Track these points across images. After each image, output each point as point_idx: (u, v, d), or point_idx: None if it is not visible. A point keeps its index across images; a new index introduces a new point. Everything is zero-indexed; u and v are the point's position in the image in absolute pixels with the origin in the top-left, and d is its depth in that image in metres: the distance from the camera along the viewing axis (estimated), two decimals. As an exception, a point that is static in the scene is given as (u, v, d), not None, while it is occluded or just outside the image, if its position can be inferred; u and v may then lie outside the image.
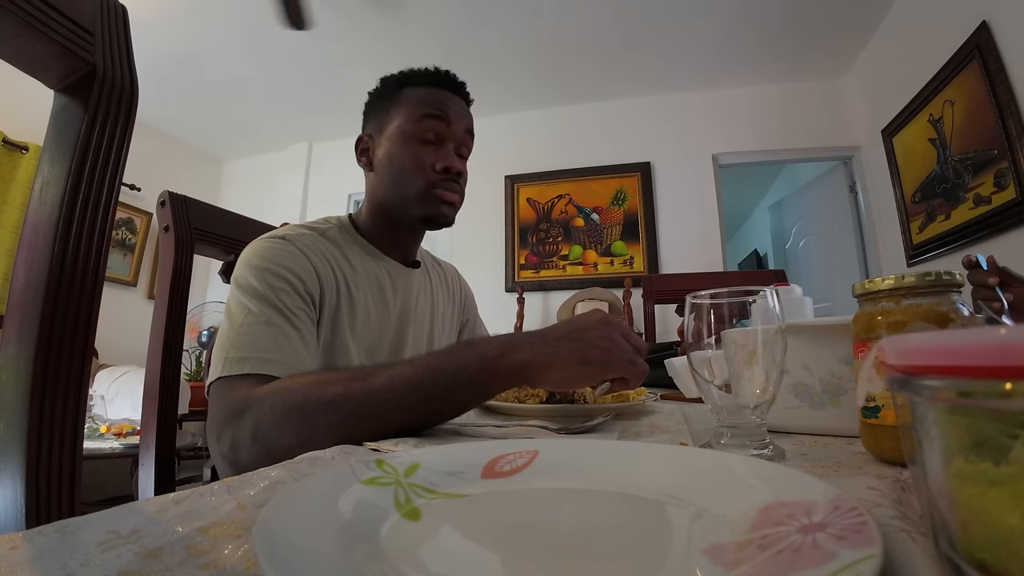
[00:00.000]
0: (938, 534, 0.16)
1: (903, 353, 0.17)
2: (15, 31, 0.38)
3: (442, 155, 0.77)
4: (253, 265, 0.66)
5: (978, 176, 1.96)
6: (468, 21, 2.62)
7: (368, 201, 0.84)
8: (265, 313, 0.61)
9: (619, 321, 0.55)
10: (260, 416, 0.52)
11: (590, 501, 0.28)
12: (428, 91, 0.80)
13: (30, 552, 0.19)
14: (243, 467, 0.51)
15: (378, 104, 0.83)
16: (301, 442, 0.47)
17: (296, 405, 0.50)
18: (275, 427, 0.51)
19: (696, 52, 2.85)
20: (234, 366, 0.57)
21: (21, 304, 0.40)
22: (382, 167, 0.79)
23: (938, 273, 0.34)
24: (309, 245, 0.71)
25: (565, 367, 0.50)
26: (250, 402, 0.53)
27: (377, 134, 0.81)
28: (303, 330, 0.63)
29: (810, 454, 0.39)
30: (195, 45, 2.75)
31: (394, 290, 0.81)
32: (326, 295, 0.70)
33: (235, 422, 0.53)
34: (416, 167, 0.76)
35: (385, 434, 0.48)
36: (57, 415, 0.40)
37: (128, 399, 2.36)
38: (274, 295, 0.63)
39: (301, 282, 0.66)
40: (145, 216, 3.44)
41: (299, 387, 0.52)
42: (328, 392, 0.50)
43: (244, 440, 0.52)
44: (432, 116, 0.77)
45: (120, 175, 0.45)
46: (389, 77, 0.83)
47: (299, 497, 0.23)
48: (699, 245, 3.01)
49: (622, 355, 0.52)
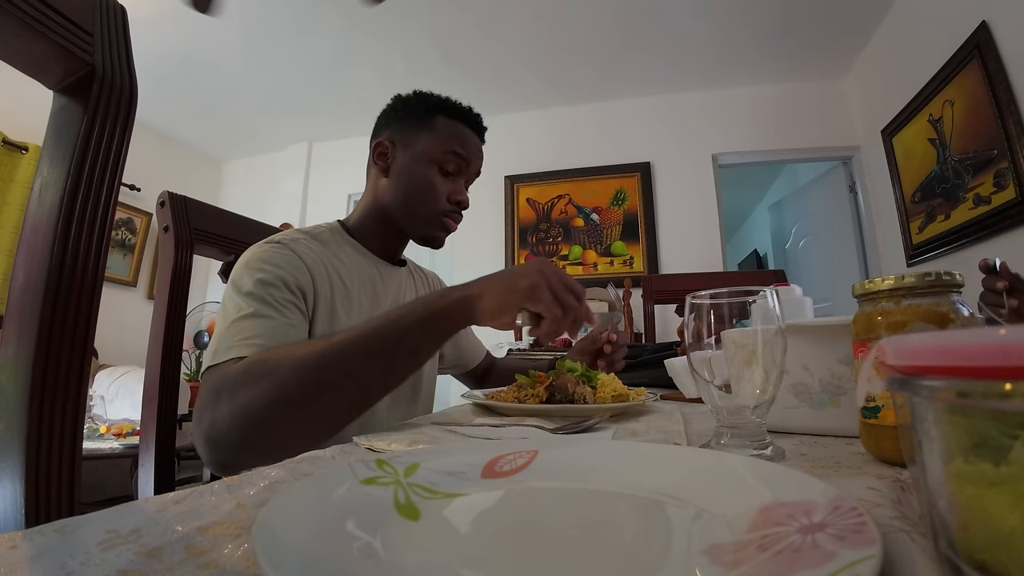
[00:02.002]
0: (938, 534, 0.16)
1: (903, 353, 0.17)
2: (14, 32, 0.38)
3: (456, 189, 0.85)
4: (248, 267, 0.69)
5: (978, 176, 1.96)
6: (468, 22, 2.62)
7: (368, 203, 0.87)
8: (254, 306, 0.64)
9: (556, 266, 0.59)
10: (235, 384, 0.54)
11: (590, 501, 0.28)
12: (459, 127, 0.86)
13: (30, 551, 0.19)
14: (222, 440, 0.53)
15: (407, 117, 0.86)
16: (271, 399, 0.51)
17: (267, 367, 0.54)
18: (247, 389, 0.53)
19: (696, 52, 2.86)
20: (220, 355, 0.59)
21: (20, 304, 0.40)
22: (398, 179, 0.84)
23: (938, 273, 0.34)
24: (302, 247, 0.75)
25: (494, 296, 0.56)
26: (227, 377, 0.55)
27: (400, 145, 0.85)
28: (292, 319, 0.66)
29: (810, 454, 0.39)
30: (195, 45, 2.75)
31: (385, 286, 0.86)
32: (319, 289, 0.73)
33: (213, 403, 0.54)
34: (432, 193, 0.83)
35: (350, 388, 0.54)
36: (57, 415, 0.40)
37: (128, 399, 2.36)
38: (264, 291, 0.66)
39: (293, 278, 0.69)
40: (145, 216, 3.44)
41: (270, 354, 0.56)
42: (296, 352, 0.54)
43: (222, 413, 0.53)
44: (458, 154, 0.84)
45: (119, 175, 0.45)
46: (426, 96, 0.87)
47: (299, 497, 0.23)
48: (699, 245, 3.01)
49: (547, 290, 0.55)
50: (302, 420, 0.54)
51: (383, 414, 0.79)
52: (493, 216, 3.38)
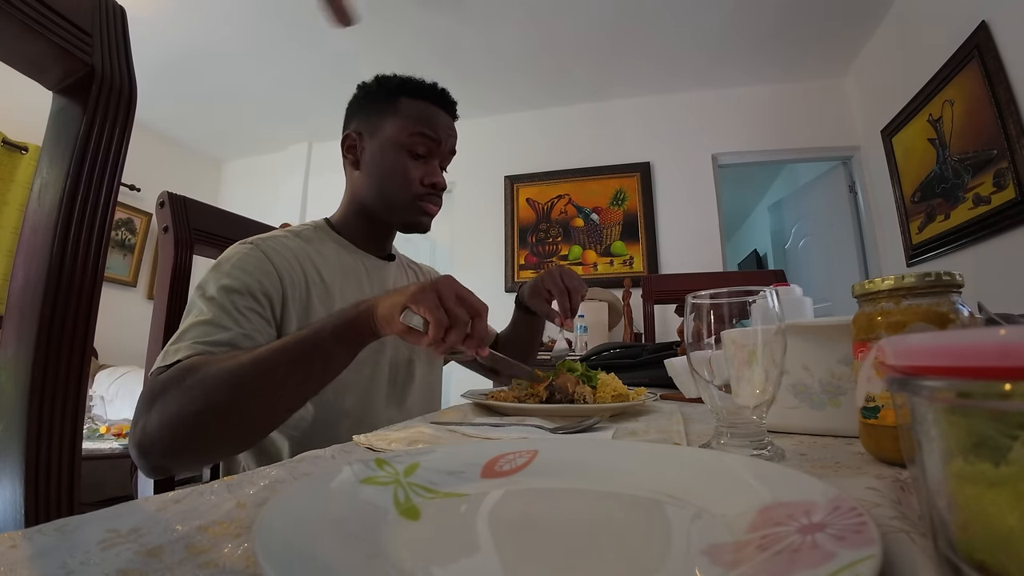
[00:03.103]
0: (937, 534, 0.16)
1: (903, 353, 0.17)
2: (13, 32, 0.38)
3: (429, 171, 0.83)
4: (217, 270, 0.68)
5: (977, 176, 1.96)
6: (467, 22, 2.62)
7: (349, 198, 0.87)
8: (212, 312, 0.64)
9: (458, 283, 0.57)
10: (165, 393, 0.54)
11: (590, 501, 0.28)
12: (424, 106, 0.83)
13: (30, 550, 0.19)
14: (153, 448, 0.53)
15: (370, 104, 0.84)
16: (198, 408, 0.52)
17: (197, 377, 0.54)
18: (176, 398, 0.53)
19: (696, 52, 2.86)
20: (168, 357, 0.59)
21: (20, 305, 0.40)
22: (369, 169, 0.83)
23: (938, 273, 0.34)
24: (275, 247, 0.74)
25: (387, 301, 0.56)
26: (161, 383, 0.55)
27: (367, 135, 0.83)
28: (247, 329, 0.65)
29: (810, 454, 0.39)
30: (195, 45, 2.75)
31: (370, 279, 0.85)
32: (289, 289, 0.72)
33: (148, 406, 0.54)
34: (404, 179, 0.81)
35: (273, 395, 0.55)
36: (56, 415, 0.40)
37: (128, 399, 2.36)
38: (227, 299, 0.65)
39: (259, 284, 0.68)
40: (145, 216, 3.44)
41: (201, 362, 0.56)
42: (225, 363, 0.55)
43: (153, 421, 0.53)
44: (426, 135, 0.82)
45: (119, 176, 0.45)
46: (386, 80, 0.84)
47: (299, 496, 0.23)
48: (699, 245, 3.01)
49: (433, 295, 0.54)
50: (229, 427, 0.55)
51: (383, 414, 0.79)
52: (493, 216, 3.38)
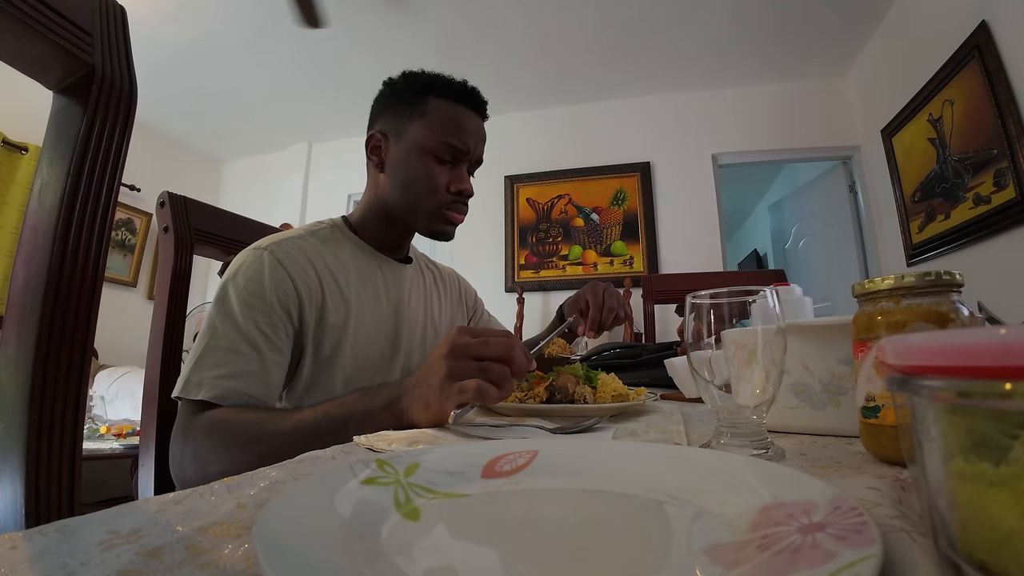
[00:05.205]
0: (938, 534, 0.16)
1: (903, 353, 0.17)
2: (14, 32, 0.38)
3: (456, 177, 0.80)
4: (234, 283, 0.68)
5: (978, 176, 1.96)
6: (468, 22, 2.62)
7: (370, 199, 0.85)
8: (230, 337, 0.64)
9: (464, 341, 0.53)
10: (197, 443, 0.60)
11: (590, 501, 0.28)
12: (453, 108, 0.79)
13: (30, 551, 0.19)
14: (185, 479, 0.61)
15: (397, 103, 0.81)
16: (224, 469, 0.54)
17: (221, 441, 0.59)
18: (206, 453, 0.60)
19: (696, 52, 2.86)
20: (192, 390, 0.62)
21: (20, 305, 0.40)
22: (394, 172, 0.80)
23: (938, 273, 0.34)
24: (289, 252, 0.73)
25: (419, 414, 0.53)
26: (192, 428, 0.61)
27: (393, 136, 0.80)
28: (264, 352, 0.66)
29: (810, 454, 0.39)
30: (195, 45, 2.75)
31: (386, 283, 0.83)
32: (304, 295, 0.71)
33: (182, 443, 0.62)
34: (431, 185, 0.78)
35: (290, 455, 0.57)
36: (57, 415, 0.40)
37: (128, 399, 2.36)
38: (245, 316, 0.66)
39: (275, 296, 0.68)
40: (145, 216, 3.44)
41: (227, 424, 0.60)
42: (250, 433, 0.58)
43: (187, 461, 0.61)
44: (454, 144, 0.78)
45: (119, 176, 0.45)
46: (415, 77, 0.81)
47: (299, 497, 0.23)
48: (699, 245, 3.01)
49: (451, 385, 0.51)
50: None
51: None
52: (493, 216, 3.37)
